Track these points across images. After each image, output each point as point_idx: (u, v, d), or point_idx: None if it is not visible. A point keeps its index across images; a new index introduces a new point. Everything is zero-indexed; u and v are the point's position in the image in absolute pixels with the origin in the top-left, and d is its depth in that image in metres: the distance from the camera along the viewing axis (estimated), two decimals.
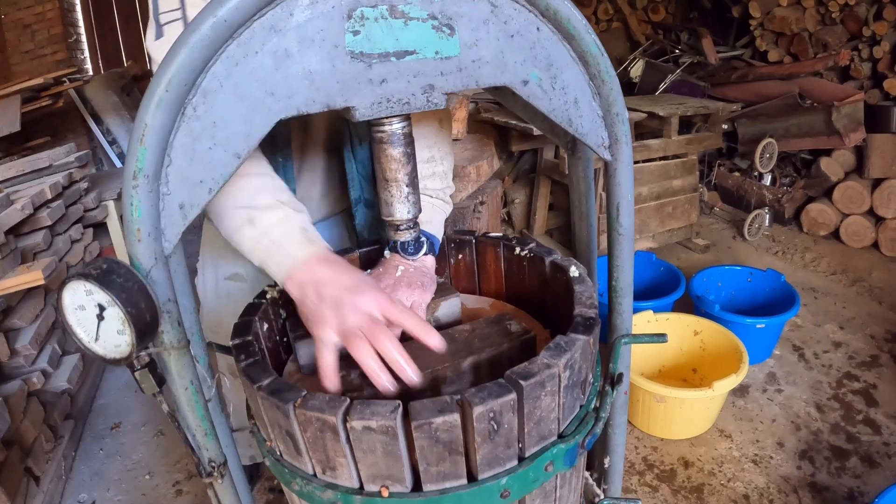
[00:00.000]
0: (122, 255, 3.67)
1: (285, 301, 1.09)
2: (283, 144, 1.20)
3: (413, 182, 0.88)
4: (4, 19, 5.60)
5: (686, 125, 4.04)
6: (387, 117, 0.82)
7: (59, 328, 2.79)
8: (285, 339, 1.08)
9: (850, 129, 3.91)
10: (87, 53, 6.16)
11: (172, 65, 0.67)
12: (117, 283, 0.70)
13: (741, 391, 2.57)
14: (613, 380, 0.90)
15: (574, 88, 0.85)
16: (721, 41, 5.37)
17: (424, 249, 1.10)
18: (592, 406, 0.88)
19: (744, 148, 4.38)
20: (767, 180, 4.32)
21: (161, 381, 0.80)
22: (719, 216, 4.48)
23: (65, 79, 4.63)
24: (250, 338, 0.91)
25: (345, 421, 0.74)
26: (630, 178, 0.94)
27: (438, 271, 1.16)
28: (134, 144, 0.68)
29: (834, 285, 3.51)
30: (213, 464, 0.89)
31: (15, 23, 5.60)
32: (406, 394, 0.81)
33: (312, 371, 1.00)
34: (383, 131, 0.84)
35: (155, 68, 1.09)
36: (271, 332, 1.05)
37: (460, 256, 1.21)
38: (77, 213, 3.18)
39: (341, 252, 1.14)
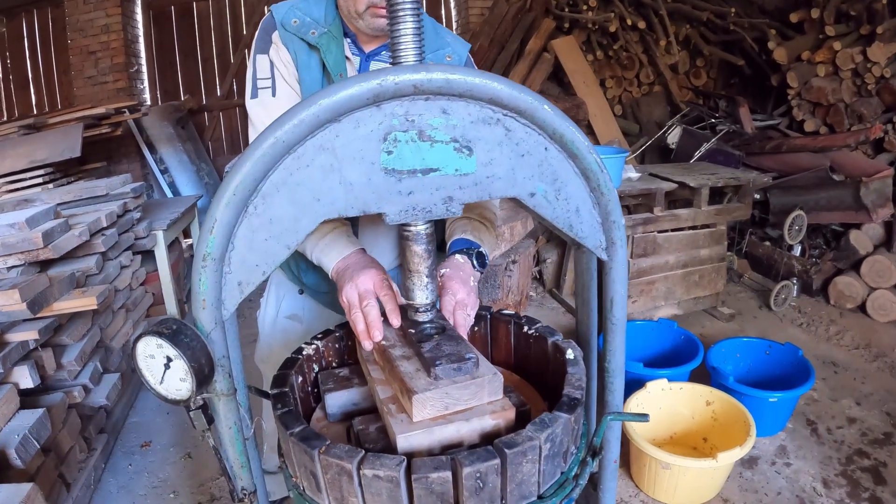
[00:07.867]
0: (166, 282, 3.82)
1: (318, 357, 1.24)
2: None
3: (431, 273, 1.04)
4: (71, 44, 5.81)
5: (718, 194, 4.11)
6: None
7: (102, 347, 2.93)
8: (315, 390, 1.23)
9: (878, 205, 3.93)
10: (146, 84, 6.34)
11: (239, 173, 0.84)
12: (184, 342, 0.86)
13: (750, 462, 2.61)
14: (595, 451, 1.03)
15: (576, 199, 0.99)
16: (759, 109, 5.45)
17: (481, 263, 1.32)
18: (573, 473, 1.00)
19: (774, 218, 4.41)
20: (797, 251, 4.34)
21: (210, 420, 0.96)
22: (748, 285, 4.50)
23: (125, 109, 4.81)
24: (287, 389, 1.07)
25: (359, 469, 0.88)
26: (624, 277, 1.07)
27: None
28: (205, 234, 0.85)
29: (855, 360, 3.49)
30: (245, 491, 1.04)
31: (81, 49, 5.81)
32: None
33: (337, 419, 1.15)
34: (409, 231, 1.00)
35: (249, 124, 1.36)
36: (304, 384, 1.20)
37: (476, 329, 1.32)
38: (128, 241, 3.35)
39: None
